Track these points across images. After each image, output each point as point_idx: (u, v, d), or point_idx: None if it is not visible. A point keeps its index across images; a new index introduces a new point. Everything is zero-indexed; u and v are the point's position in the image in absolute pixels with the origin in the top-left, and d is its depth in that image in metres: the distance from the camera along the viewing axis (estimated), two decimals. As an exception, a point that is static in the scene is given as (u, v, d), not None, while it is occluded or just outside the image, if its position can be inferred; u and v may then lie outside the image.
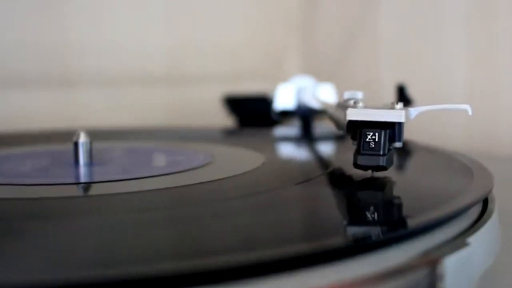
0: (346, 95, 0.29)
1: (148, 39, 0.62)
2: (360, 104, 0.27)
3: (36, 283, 0.16)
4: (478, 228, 0.22)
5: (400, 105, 0.26)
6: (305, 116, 0.47)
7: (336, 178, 0.30)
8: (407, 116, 0.26)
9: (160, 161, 0.35)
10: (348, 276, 0.18)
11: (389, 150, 0.26)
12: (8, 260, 0.18)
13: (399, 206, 0.24)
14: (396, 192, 0.27)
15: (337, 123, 0.31)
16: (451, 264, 0.19)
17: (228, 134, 0.50)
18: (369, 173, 0.27)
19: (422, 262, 0.19)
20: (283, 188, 0.27)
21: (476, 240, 0.21)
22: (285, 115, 0.50)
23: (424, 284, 0.19)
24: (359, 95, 0.29)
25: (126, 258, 0.18)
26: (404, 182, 0.29)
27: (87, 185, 0.29)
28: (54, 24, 0.57)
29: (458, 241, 0.21)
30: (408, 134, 0.29)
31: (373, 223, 0.22)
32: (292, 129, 0.48)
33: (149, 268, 0.17)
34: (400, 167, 0.33)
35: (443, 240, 0.21)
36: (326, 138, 0.44)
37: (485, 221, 0.23)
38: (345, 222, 0.22)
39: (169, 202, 0.26)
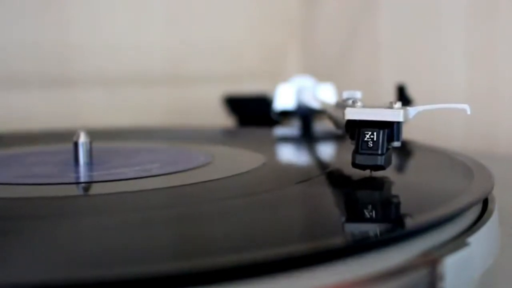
0: (345, 94, 0.29)
1: (148, 39, 0.62)
2: (359, 104, 0.27)
3: (36, 283, 0.16)
4: (478, 228, 0.22)
5: (398, 104, 0.26)
6: (305, 116, 0.47)
7: (336, 178, 0.30)
8: (406, 116, 0.26)
9: (160, 161, 0.35)
10: (348, 276, 0.18)
11: (387, 149, 0.26)
12: (8, 260, 0.18)
13: (399, 205, 0.24)
14: (396, 191, 0.27)
15: (336, 123, 0.31)
16: (451, 264, 0.19)
17: (228, 134, 0.50)
18: (368, 172, 0.27)
19: (422, 262, 0.19)
20: (282, 188, 0.27)
21: (476, 240, 0.21)
22: (285, 115, 0.50)
23: (424, 284, 0.19)
24: (358, 94, 0.29)
25: (126, 258, 0.18)
26: (404, 182, 0.29)
27: (87, 185, 0.29)
28: (54, 24, 0.57)
29: (458, 241, 0.21)
30: (408, 134, 0.29)
31: (372, 223, 0.22)
32: (292, 129, 0.48)
33: (149, 268, 0.17)
34: (400, 166, 0.33)
35: (443, 240, 0.21)
36: (326, 138, 0.44)
37: (485, 221, 0.23)
38: (344, 222, 0.22)
39: (169, 202, 0.26)
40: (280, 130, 0.49)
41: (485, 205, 0.25)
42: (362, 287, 0.18)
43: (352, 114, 0.26)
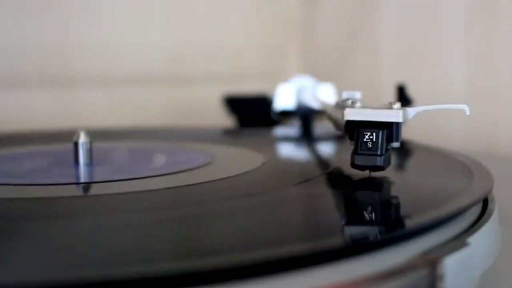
0: (345, 95, 0.29)
1: (148, 39, 0.62)
2: (358, 104, 0.27)
3: (36, 283, 0.16)
4: (478, 228, 0.22)
5: (397, 105, 0.26)
6: (305, 116, 0.47)
7: (336, 178, 0.30)
8: (405, 116, 0.26)
9: (160, 161, 0.35)
10: (348, 276, 0.18)
11: (386, 150, 0.26)
12: (8, 260, 0.18)
13: (399, 206, 0.24)
14: (396, 192, 0.27)
15: (335, 123, 0.31)
16: (451, 264, 0.19)
17: (228, 134, 0.50)
18: (367, 173, 0.27)
19: (422, 262, 0.19)
20: (282, 188, 0.27)
21: (476, 240, 0.21)
22: (285, 115, 0.50)
23: (424, 284, 0.19)
24: (357, 95, 0.29)
25: (126, 258, 0.18)
26: (404, 182, 0.29)
27: (87, 185, 0.29)
28: (54, 24, 0.57)
29: (458, 241, 0.21)
30: (407, 134, 0.29)
31: (372, 223, 0.22)
32: (292, 129, 0.48)
33: (149, 268, 0.17)
34: (400, 167, 0.33)
35: (443, 240, 0.21)
36: (326, 138, 0.44)
37: (485, 221, 0.23)
38: (344, 222, 0.22)
39: (169, 202, 0.26)
40: (280, 130, 0.49)
41: (485, 205, 0.25)
42: (362, 287, 0.18)
43: (351, 114, 0.26)
